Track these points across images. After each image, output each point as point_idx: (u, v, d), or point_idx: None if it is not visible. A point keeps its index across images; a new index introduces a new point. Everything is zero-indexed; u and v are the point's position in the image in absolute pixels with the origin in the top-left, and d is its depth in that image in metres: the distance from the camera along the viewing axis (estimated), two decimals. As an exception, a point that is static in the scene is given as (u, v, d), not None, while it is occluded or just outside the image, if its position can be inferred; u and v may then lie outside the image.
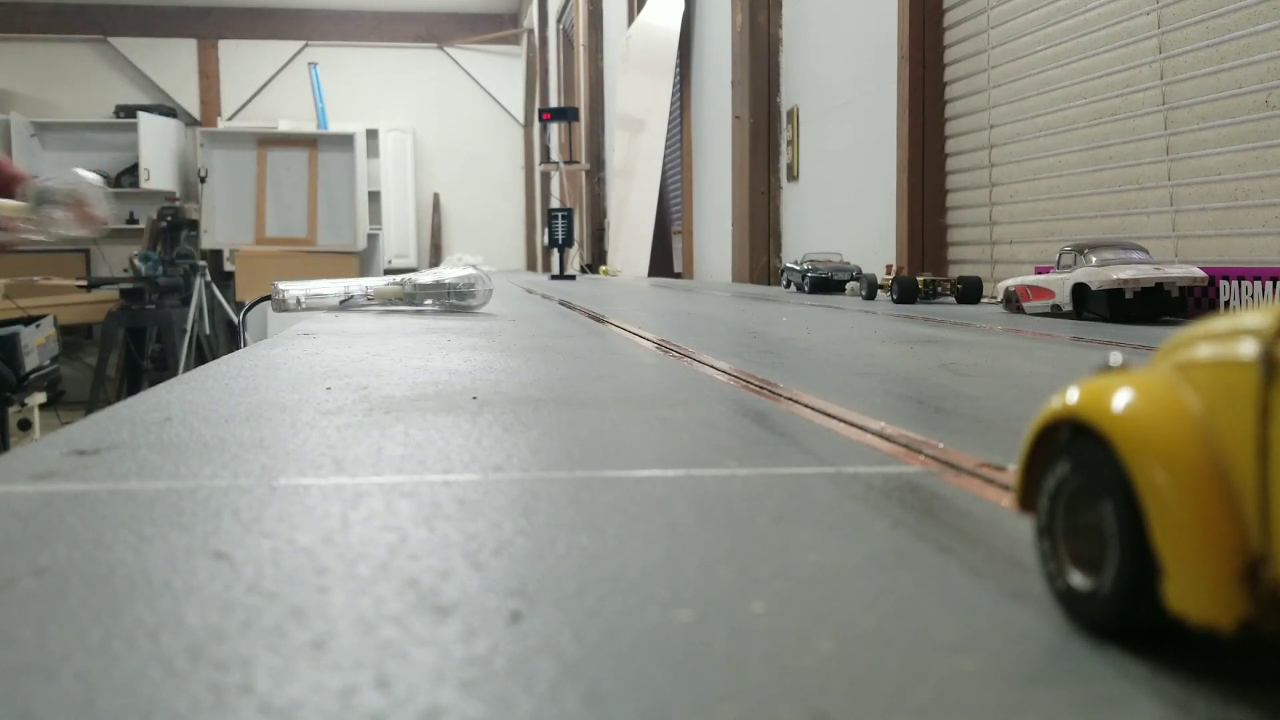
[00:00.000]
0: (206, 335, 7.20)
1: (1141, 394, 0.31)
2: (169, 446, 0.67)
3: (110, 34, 10.22)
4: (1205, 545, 0.29)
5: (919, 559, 0.42)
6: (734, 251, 4.81)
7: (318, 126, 7.61)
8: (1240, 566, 0.28)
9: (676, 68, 5.86)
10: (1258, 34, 1.91)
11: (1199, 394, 0.30)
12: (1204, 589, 0.29)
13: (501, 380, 1.02)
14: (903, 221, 3.25)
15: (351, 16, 10.63)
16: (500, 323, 1.85)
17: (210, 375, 1.05)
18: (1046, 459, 0.35)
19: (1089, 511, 0.33)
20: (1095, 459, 0.32)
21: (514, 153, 11.10)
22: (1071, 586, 0.34)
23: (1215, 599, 0.29)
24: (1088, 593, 0.33)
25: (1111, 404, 0.32)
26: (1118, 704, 0.29)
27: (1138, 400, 0.31)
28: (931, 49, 3.19)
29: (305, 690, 0.30)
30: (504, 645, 0.33)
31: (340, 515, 0.50)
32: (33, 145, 9.55)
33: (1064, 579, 0.35)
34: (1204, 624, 0.29)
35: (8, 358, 4.47)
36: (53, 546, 0.44)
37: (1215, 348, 0.30)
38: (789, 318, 2.02)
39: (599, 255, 7.98)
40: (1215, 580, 0.29)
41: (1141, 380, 0.32)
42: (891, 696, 0.29)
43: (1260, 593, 0.28)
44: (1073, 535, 0.34)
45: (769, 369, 1.12)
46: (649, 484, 0.56)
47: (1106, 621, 0.33)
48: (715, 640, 0.33)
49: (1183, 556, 0.29)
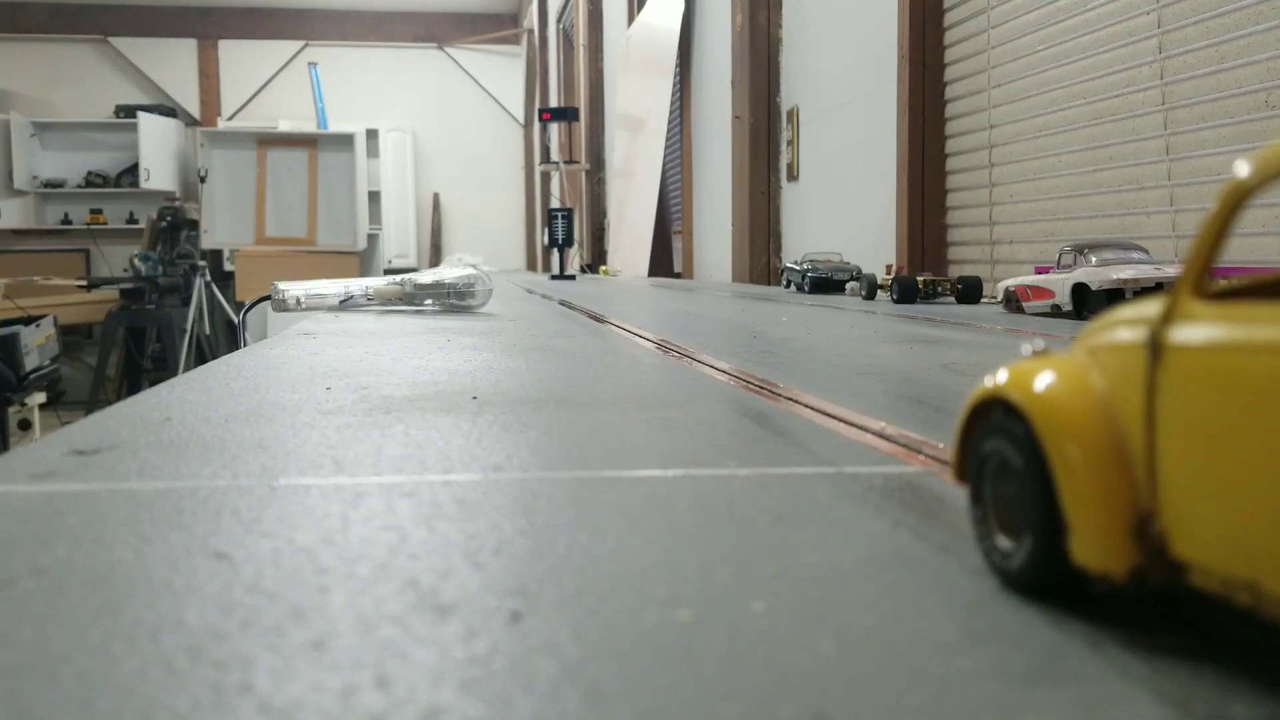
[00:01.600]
0: (206, 335, 7.20)
1: (1055, 375, 0.36)
2: (169, 446, 0.67)
3: (110, 34, 10.22)
4: (1102, 505, 0.33)
5: (919, 559, 0.42)
6: (734, 251, 4.81)
7: (318, 126, 7.61)
8: (1132, 522, 0.33)
9: (676, 68, 5.86)
10: (1258, 34, 1.91)
11: (1103, 374, 0.35)
12: (1102, 543, 0.33)
13: (502, 380, 1.02)
14: (903, 221, 3.25)
15: (351, 16, 10.63)
16: (500, 323, 1.85)
17: (210, 375, 1.05)
18: (978, 434, 0.39)
19: (1011, 480, 0.37)
20: (1015, 433, 0.36)
21: (514, 153, 11.10)
22: (999, 549, 0.38)
23: (1111, 551, 0.33)
24: (1011, 553, 0.37)
25: (1028, 384, 0.36)
26: (1118, 704, 0.29)
27: (1051, 381, 0.36)
28: (931, 49, 3.19)
29: (305, 690, 0.30)
30: (504, 645, 0.33)
31: (340, 515, 0.50)
32: (33, 145, 9.56)
33: (992, 542, 0.39)
34: (1102, 574, 0.33)
35: (8, 358, 4.48)
36: (53, 546, 0.44)
37: (1116, 333, 0.34)
38: (789, 318, 2.02)
39: (599, 255, 7.98)
40: (1111, 534, 0.33)
41: (1058, 363, 0.36)
42: (891, 696, 0.29)
43: (1148, 544, 0.32)
44: (999, 502, 0.38)
45: (769, 369, 1.12)
46: (649, 484, 0.56)
47: (1027, 578, 0.36)
48: (715, 640, 0.33)
49: (1084, 515, 0.33)
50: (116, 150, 9.63)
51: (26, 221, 9.58)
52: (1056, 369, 0.36)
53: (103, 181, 9.65)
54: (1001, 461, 0.38)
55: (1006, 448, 0.37)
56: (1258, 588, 0.29)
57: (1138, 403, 0.33)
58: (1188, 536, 0.31)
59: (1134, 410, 0.33)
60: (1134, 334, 0.33)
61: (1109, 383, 0.34)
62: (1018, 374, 0.37)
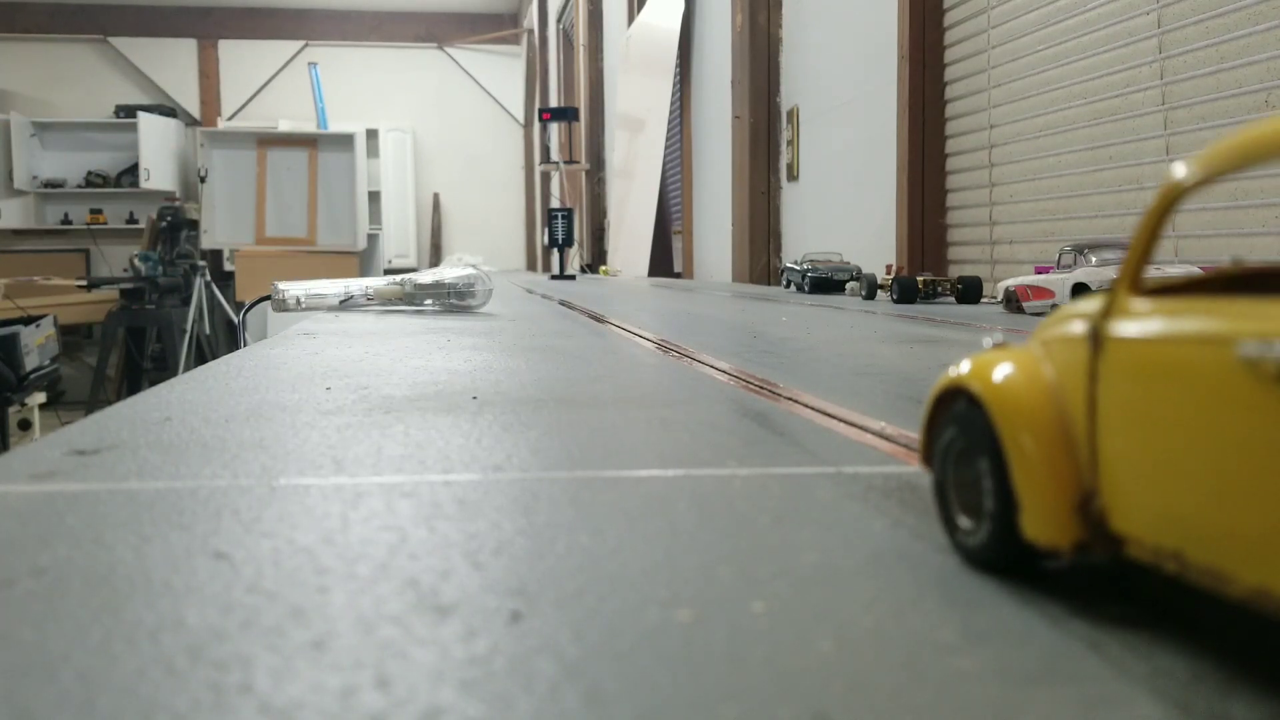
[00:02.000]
0: (206, 335, 7.20)
1: (1010, 366, 0.39)
2: (169, 446, 0.67)
3: (110, 34, 10.23)
4: (1049, 485, 0.36)
5: (919, 559, 0.42)
6: (734, 251, 4.81)
7: (318, 126, 7.61)
8: (1075, 500, 0.35)
9: (676, 68, 5.86)
10: (1258, 34, 1.91)
11: (1053, 365, 0.38)
12: (1048, 520, 0.36)
13: (501, 380, 1.02)
14: (903, 221, 3.25)
15: (351, 16, 10.63)
16: (500, 323, 1.85)
17: (210, 375, 1.05)
18: (941, 422, 0.42)
19: (971, 464, 0.40)
20: (974, 420, 0.39)
21: (514, 153, 11.10)
22: (960, 527, 0.41)
23: (1057, 527, 0.36)
24: (971, 531, 0.40)
25: (985, 375, 0.39)
26: (1118, 704, 0.29)
27: (1005, 371, 0.39)
28: (931, 49, 3.19)
29: (305, 690, 0.30)
30: (504, 645, 0.33)
31: (340, 515, 0.50)
32: (33, 145, 9.56)
33: (954, 522, 0.41)
34: (1049, 548, 0.36)
35: (8, 358, 4.48)
36: (53, 546, 0.44)
37: (1065, 327, 0.37)
38: (789, 318, 2.02)
39: (599, 255, 7.98)
40: (1056, 512, 0.36)
41: (1014, 355, 0.39)
42: (891, 696, 0.29)
43: (1090, 520, 0.35)
44: (960, 485, 0.41)
45: (769, 369, 1.12)
46: (649, 484, 0.56)
47: (985, 555, 0.39)
48: (715, 640, 0.33)
49: (1033, 494, 0.36)
50: (116, 150, 9.63)
51: (26, 221, 9.59)
52: (1012, 361, 0.39)
53: (103, 181, 9.65)
54: (963, 446, 0.40)
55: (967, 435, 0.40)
56: (1182, 556, 0.32)
57: (1081, 391, 0.36)
58: (1124, 512, 0.34)
59: (1078, 398, 0.36)
60: (1079, 327, 0.36)
61: (1058, 373, 0.37)
62: (978, 365, 0.40)
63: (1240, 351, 0.29)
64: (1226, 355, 0.29)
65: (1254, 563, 0.29)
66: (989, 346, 0.41)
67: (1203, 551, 0.31)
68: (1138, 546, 0.33)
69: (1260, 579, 0.28)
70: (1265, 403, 0.28)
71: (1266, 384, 0.28)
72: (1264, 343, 0.28)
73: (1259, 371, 0.28)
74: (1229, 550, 0.30)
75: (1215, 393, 0.30)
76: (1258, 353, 0.28)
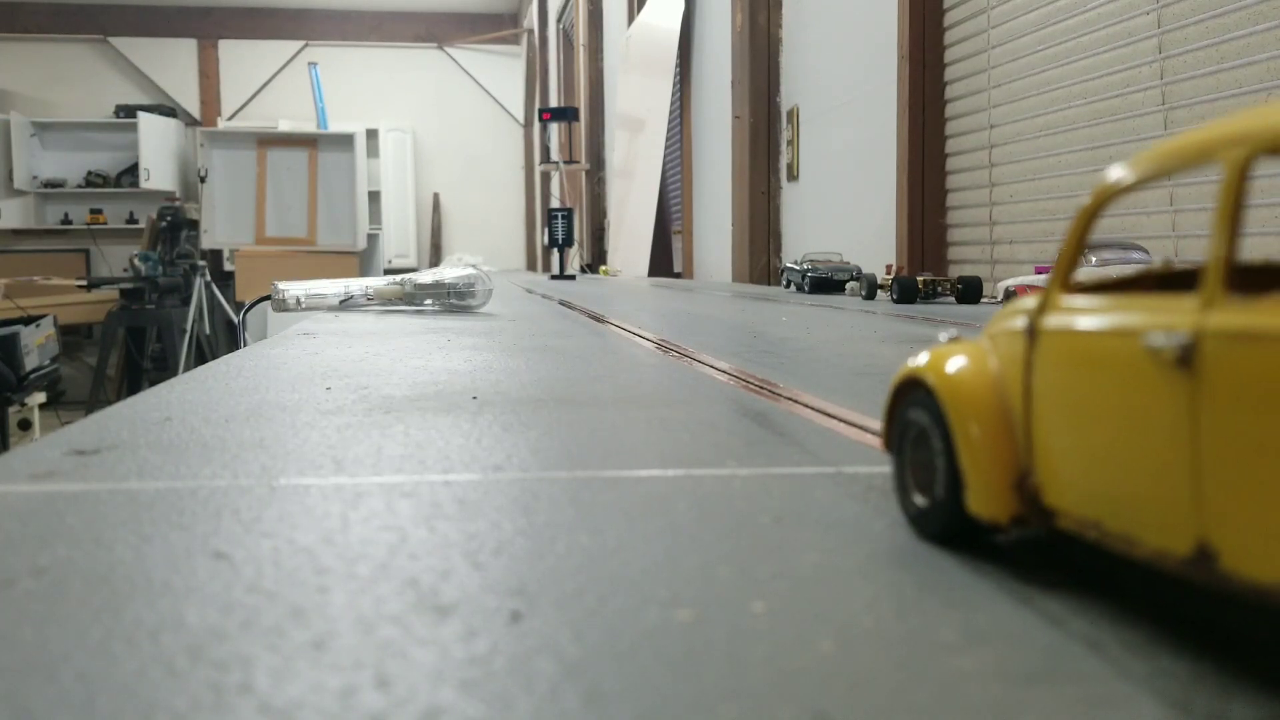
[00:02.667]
0: (206, 335, 7.20)
1: (960, 359, 0.43)
2: (169, 446, 0.67)
3: (110, 34, 10.22)
4: (990, 465, 0.40)
5: (919, 559, 0.42)
6: (734, 251, 4.81)
7: (318, 126, 7.60)
8: (1013, 479, 0.39)
9: (676, 68, 5.86)
10: (1258, 34, 1.91)
11: (998, 356, 0.41)
12: (990, 496, 0.40)
13: (501, 380, 1.02)
14: (903, 221, 3.25)
15: (351, 16, 10.63)
16: (500, 323, 1.85)
17: (210, 375, 1.05)
18: (900, 409, 0.46)
19: (925, 447, 0.43)
20: (928, 406, 0.43)
21: (514, 153, 11.09)
22: (916, 505, 0.45)
23: (997, 503, 0.40)
24: (925, 508, 0.44)
25: (939, 367, 0.43)
26: (1118, 704, 0.29)
27: (956, 363, 0.43)
28: (931, 49, 3.19)
29: (305, 690, 0.30)
30: (504, 645, 0.33)
31: (340, 515, 0.50)
32: (33, 145, 9.56)
33: (910, 500, 0.45)
34: (990, 521, 0.40)
35: (8, 358, 4.48)
36: (53, 546, 0.44)
37: (1008, 322, 0.41)
38: (789, 318, 2.02)
39: (599, 255, 7.98)
40: (997, 489, 0.40)
41: (965, 348, 0.43)
42: (891, 696, 0.29)
43: (1025, 496, 0.39)
44: (916, 466, 0.45)
45: (769, 369, 1.12)
46: (649, 484, 0.56)
47: (936, 528, 0.43)
48: (715, 640, 0.33)
49: (976, 474, 0.40)
50: (116, 150, 9.63)
51: (26, 221, 9.59)
52: (963, 354, 0.43)
53: (103, 181, 9.65)
54: (919, 431, 0.44)
55: (922, 418, 0.44)
56: (1101, 525, 0.35)
57: (1019, 380, 0.40)
58: (1054, 488, 0.38)
59: (1016, 386, 0.40)
60: (1018, 322, 0.40)
61: (1001, 364, 0.41)
62: (933, 358, 0.44)
63: (1146, 342, 0.32)
64: (1135, 345, 0.33)
65: (1155, 528, 0.32)
66: (944, 341, 0.45)
67: (1116, 520, 0.34)
68: (1066, 518, 0.37)
69: (1161, 542, 0.32)
70: (1165, 386, 0.31)
71: (1166, 370, 0.31)
72: (1166, 334, 0.31)
73: (1161, 359, 0.32)
74: (1136, 518, 0.33)
75: (1126, 379, 0.33)
76: (1160, 342, 0.32)
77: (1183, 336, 0.31)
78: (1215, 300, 0.30)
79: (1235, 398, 0.29)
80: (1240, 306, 0.30)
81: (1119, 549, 0.34)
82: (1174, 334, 0.31)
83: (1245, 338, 0.29)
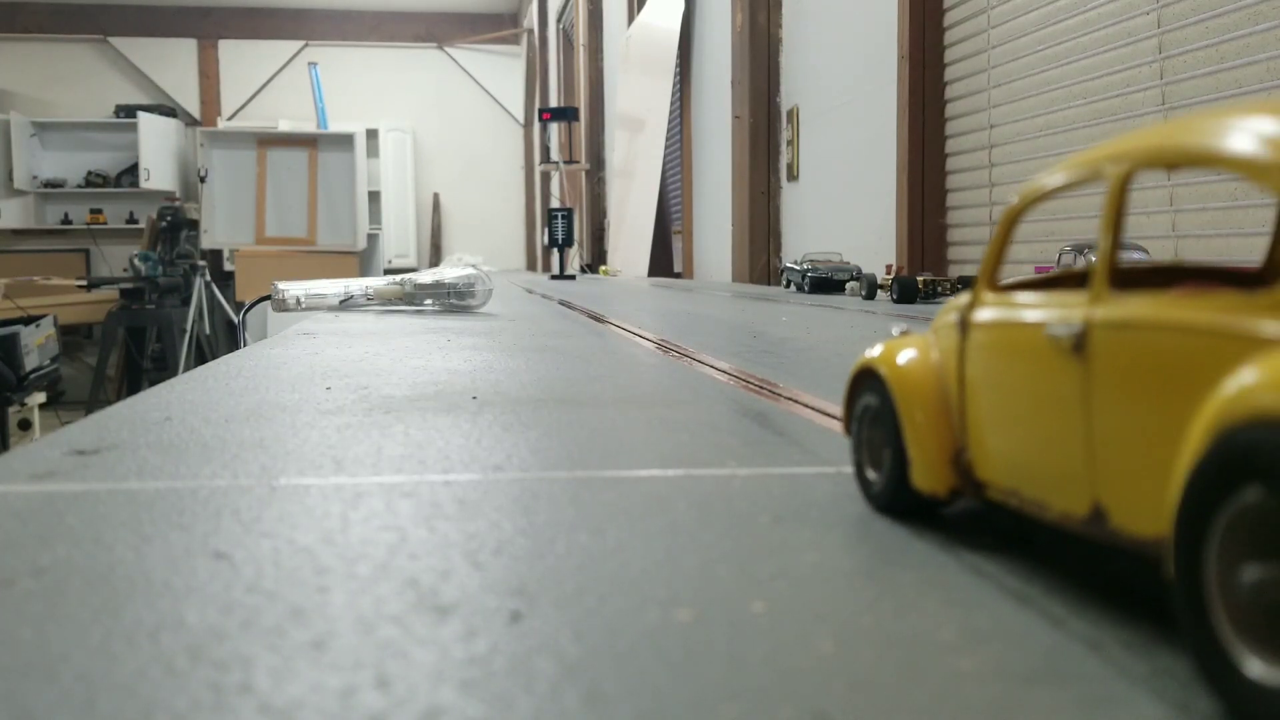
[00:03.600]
0: (206, 335, 7.20)
1: (908, 350, 0.48)
2: (169, 446, 0.67)
3: (110, 34, 10.22)
4: (931, 444, 0.45)
5: (919, 559, 0.42)
6: (734, 251, 4.81)
7: (318, 126, 7.60)
8: (950, 454, 0.44)
9: (676, 68, 5.86)
10: (1257, 34, 1.91)
11: (939, 347, 0.46)
12: (930, 470, 0.45)
13: (501, 380, 1.02)
14: (903, 221, 3.25)
15: (351, 16, 10.62)
16: (500, 323, 1.85)
17: (210, 375, 1.05)
18: (857, 395, 0.51)
19: (877, 428, 0.48)
20: (879, 393, 0.48)
21: (514, 153, 11.09)
22: (869, 481, 0.50)
23: (936, 477, 0.45)
24: (875, 483, 0.49)
25: (888, 357, 0.48)
26: (1118, 704, 0.29)
27: (904, 355, 0.47)
28: (931, 49, 3.19)
29: (305, 690, 0.30)
30: (504, 645, 0.33)
31: (340, 515, 0.50)
32: (33, 145, 9.55)
33: (865, 477, 0.50)
34: (931, 494, 0.45)
35: (8, 358, 4.47)
36: (53, 546, 0.44)
37: (947, 317, 0.46)
38: (789, 317, 2.02)
39: (599, 255, 7.98)
40: (936, 465, 0.45)
41: (913, 340, 0.48)
42: (891, 696, 0.29)
43: (961, 470, 0.44)
44: (869, 445, 0.50)
45: (769, 369, 1.12)
46: (649, 484, 0.56)
47: (885, 501, 0.48)
48: (715, 640, 0.33)
49: (919, 452, 0.45)
50: (116, 150, 9.62)
51: (26, 221, 9.58)
52: (910, 346, 0.48)
53: (103, 181, 9.65)
54: (872, 414, 0.49)
55: (874, 403, 0.49)
56: (1019, 493, 0.40)
57: (954, 367, 0.45)
58: (983, 462, 0.43)
59: (952, 372, 0.45)
60: (953, 317, 0.45)
61: (941, 354, 0.46)
62: (885, 350, 0.49)
63: (1049, 332, 0.37)
64: (1040, 335, 0.38)
65: (1059, 493, 0.37)
66: (896, 335, 0.50)
67: (1030, 488, 0.39)
68: (993, 489, 0.42)
69: (1064, 505, 0.37)
70: (1064, 370, 0.36)
71: (1064, 356, 0.36)
72: (1063, 325, 0.36)
73: (1060, 347, 0.37)
74: (1045, 485, 0.38)
75: (1034, 364, 0.38)
76: (1059, 332, 0.37)
77: (1076, 327, 0.36)
78: (1101, 296, 0.35)
79: (1116, 378, 0.34)
80: (1120, 301, 0.34)
81: (1034, 514, 0.39)
82: (1069, 325, 0.36)
83: (1122, 326, 0.34)
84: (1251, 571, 0.27)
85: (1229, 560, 0.27)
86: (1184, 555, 0.29)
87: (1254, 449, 0.26)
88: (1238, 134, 0.31)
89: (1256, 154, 0.30)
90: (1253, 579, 0.27)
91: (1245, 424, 0.27)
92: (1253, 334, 0.29)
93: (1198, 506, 0.28)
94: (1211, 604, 0.28)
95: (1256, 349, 0.28)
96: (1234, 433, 0.27)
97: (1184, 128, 0.34)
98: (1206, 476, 0.28)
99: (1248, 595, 0.27)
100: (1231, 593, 0.27)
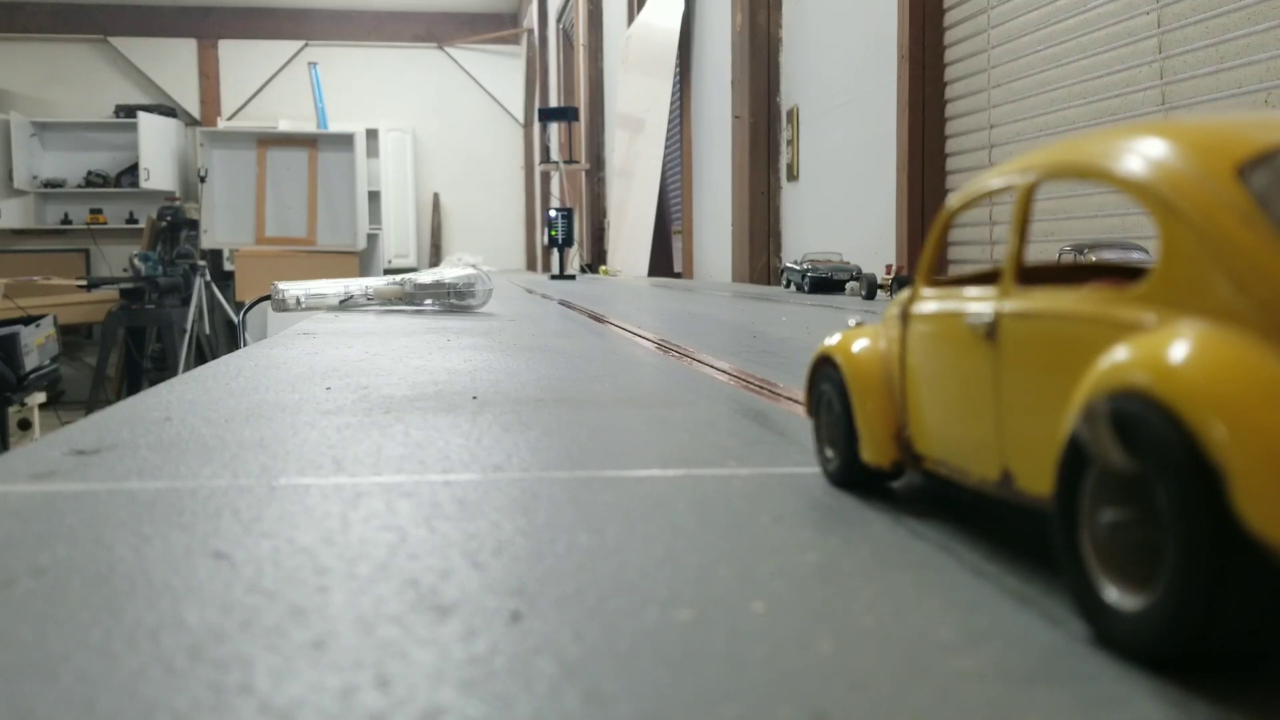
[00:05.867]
0: (206, 335, 7.20)
1: (860, 339, 0.53)
2: (169, 446, 0.67)
3: (110, 34, 10.22)
4: (877, 422, 0.50)
5: (919, 559, 0.42)
6: (734, 251, 4.81)
7: (318, 126, 7.59)
8: (893, 431, 0.49)
9: (676, 68, 5.86)
10: (1257, 34, 1.91)
11: (886, 336, 0.51)
12: (876, 445, 0.50)
13: (501, 380, 1.02)
14: (903, 221, 3.25)
15: (351, 16, 10.62)
16: (500, 322, 1.85)
17: (210, 375, 1.05)
18: (817, 381, 0.56)
19: (832, 410, 0.54)
20: (834, 378, 0.53)
21: (514, 153, 11.09)
22: (826, 458, 0.55)
23: (880, 451, 0.50)
24: (831, 459, 0.54)
25: (844, 346, 0.53)
26: (1118, 704, 0.29)
27: (857, 344, 0.53)
28: (931, 49, 3.19)
29: (305, 690, 0.30)
30: (504, 645, 0.33)
31: (340, 515, 0.50)
32: (33, 145, 9.55)
33: (824, 455, 0.56)
34: (877, 467, 0.50)
35: (8, 358, 4.47)
36: (53, 546, 0.44)
37: (893, 309, 0.51)
38: (789, 317, 2.02)
39: (599, 255, 7.98)
40: (881, 439, 0.50)
41: (864, 331, 0.54)
42: (891, 696, 0.29)
43: (902, 445, 0.49)
44: (827, 426, 0.55)
45: (769, 368, 1.12)
46: (649, 484, 0.56)
47: (839, 475, 0.54)
48: (715, 640, 0.33)
49: (866, 429, 0.50)
50: (116, 150, 9.62)
51: (26, 221, 9.58)
52: (864, 335, 0.53)
53: (103, 181, 9.65)
54: (829, 398, 0.54)
55: (830, 389, 0.54)
56: (947, 463, 0.45)
57: (897, 353, 0.50)
58: (920, 437, 0.48)
59: (895, 358, 0.50)
60: (899, 309, 0.50)
61: (887, 342, 0.51)
62: (841, 339, 0.54)
63: (967, 320, 0.43)
64: (961, 323, 0.43)
65: (977, 461, 0.42)
66: (851, 325, 0.55)
67: (955, 457, 0.44)
68: (928, 460, 0.47)
69: (981, 471, 0.42)
70: (979, 353, 0.42)
71: (979, 341, 0.42)
72: (979, 315, 0.42)
73: (976, 333, 0.42)
74: (966, 454, 0.43)
75: (957, 348, 0.44)
76: (975, 321, 0.42)
77: (988, 317, 0.41)
78: (1009, 290, 0.41)
79: (1020, 360, 0.39)
80: (1024, 294, 0.40)
81: (958, 480, 0.44)
82: (982, 316, 0.41)
83: (1024, 316, 0.39)
84: (1109, 514, 0.32)
85: (1095, 507, 0.33)
86: (1062, 503, 0.34)
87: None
88: (1125, 155, 0.35)
89: (1135, 173, 0.35)
90: (1109, 520, 0.32)
91: (1110, 396, 0.32)
92: (1122, 321, 0.34)
93: (1073, 463, 0.33)
94: (1083, 545, 0.33)
95: (1124, 333, 0.33)
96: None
97: (1081, 146, 0.39)
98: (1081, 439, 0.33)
99: (1105, 535, 0.32)
100: (1095, 534, 0.33)
